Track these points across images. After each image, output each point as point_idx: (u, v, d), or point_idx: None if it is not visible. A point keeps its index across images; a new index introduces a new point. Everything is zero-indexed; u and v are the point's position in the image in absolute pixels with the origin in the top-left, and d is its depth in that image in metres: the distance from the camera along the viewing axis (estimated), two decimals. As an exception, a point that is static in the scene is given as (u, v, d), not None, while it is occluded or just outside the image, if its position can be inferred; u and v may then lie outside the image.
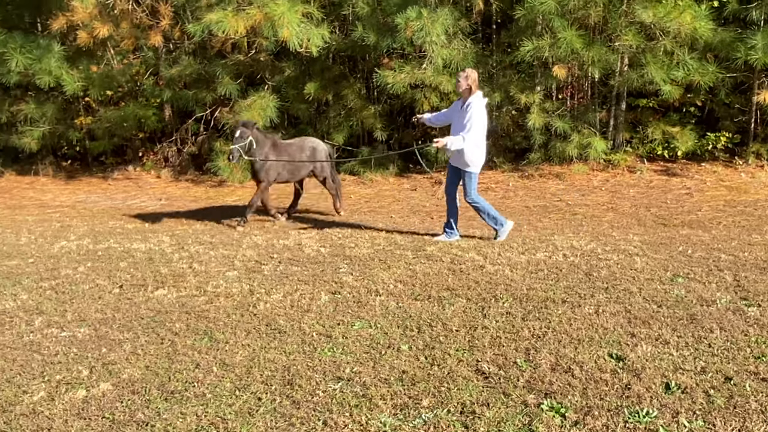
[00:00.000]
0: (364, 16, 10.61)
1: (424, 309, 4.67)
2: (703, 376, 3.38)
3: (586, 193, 9.72)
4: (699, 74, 10.23)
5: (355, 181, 11.13)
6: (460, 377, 3.55)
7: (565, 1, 9.88)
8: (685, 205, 8.56)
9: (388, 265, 5.85)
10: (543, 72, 11.02)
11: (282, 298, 5.04)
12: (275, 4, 9.36)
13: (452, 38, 10.49)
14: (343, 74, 11.94)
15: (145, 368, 3.89)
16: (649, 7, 9.94)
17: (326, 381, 3.61)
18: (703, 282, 5.00)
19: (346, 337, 4.20)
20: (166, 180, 11.93)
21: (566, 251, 6.12)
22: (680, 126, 11.21)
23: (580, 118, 11.25)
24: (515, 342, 3.98)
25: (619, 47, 10.36)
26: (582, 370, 3.53)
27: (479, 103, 6.44)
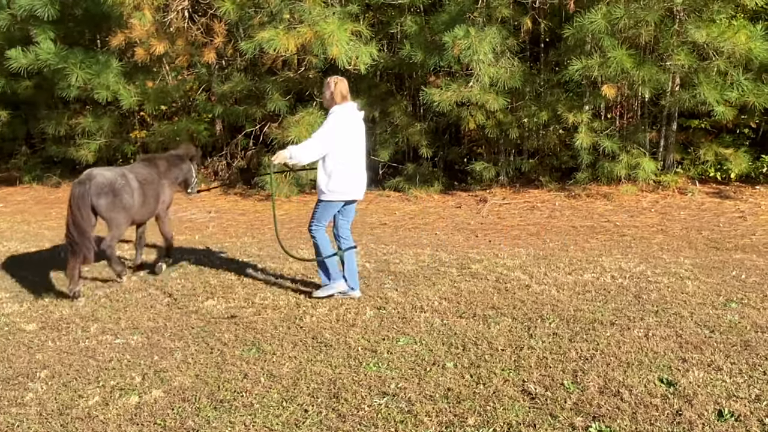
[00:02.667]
0: (411, 35, 10.71)
1: (469, 327, 4.66)
2: (758, 404, 3.30)
3: (634, 215, 9.55)
4: (754, 95, 9.99)
5: (399, 197, 11.19)
6: (506, 397, 3.54)
7: (615, 21, 9.79)
8: (739, 229, 8.33)
9: (432, 282, 5.86)
10: (591, 91, 10.92)
11: (328, 312, 5.10)
12: (325, 22, 9.54)
13: (499, 57, 10.49)
14: (390, 91, 12.05)
15: (195, 377, 3.98)
16: (702, 26, 9.77)
17: (372, 396, 3.64)
18: (757, 308, 4.87)
19: (391, 353, 4.23)
20: (215, 193, 12.18)
21: (614, 273, 6.04)
22: (733, 148, 10.94)
23: (629, 138, 11.09)
24: (562, 363, 3.95)
25: (671, 67, 10.20)
26: (631, 394, 3.48)
27: (335, 117, 5.20)
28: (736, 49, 9.64)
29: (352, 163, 5.30)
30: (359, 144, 5.37)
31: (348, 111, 5.28)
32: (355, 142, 5.31)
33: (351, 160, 5.28)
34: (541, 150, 11.81)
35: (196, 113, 13.07)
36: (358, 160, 5.36)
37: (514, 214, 9.86)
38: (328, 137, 5.15)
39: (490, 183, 11.46)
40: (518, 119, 11.22)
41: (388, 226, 9.12)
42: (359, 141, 5.36)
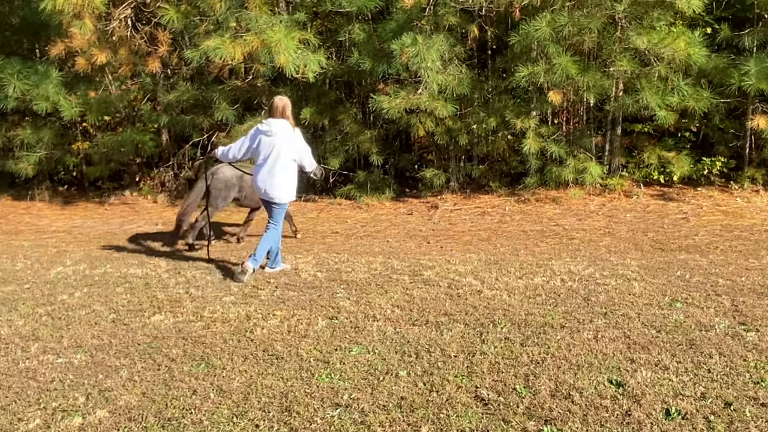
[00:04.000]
0: (360, 42, 10.71)
1: (422, 334, 4.65)
2: (703, 401, 3.37)
3: (582, 218, 9.74)
4: (693, 100, 10.33)
5: (351, 205, 11.14)
6: (460, 404, 3.53)
7: (559, 28, 9.99)
8: (682, 230, 8.58)
9: (385, 290, 5.83)
10: (538, 97, 11.11)
11: (279, 324, 5.02)
12: (272, 30, 9.45)
13: (448, 64, 10.58)
14: (340, 99, 12.01)
15: (141, 395, 3.85)
16: (643, 33, 10.06)
17: (324, 408, 3.58)
18: (701, 307, 5.00)
19: (344, 363, 4.18)
20: (163, 205, 11.90)
21: (564, 276, 6.12)
22: (676, 151, 11.28)
23: (575, 143, 11.31)
24: (514, 368, 3.96)
25: (614, 73, 10.46)
26: (582, 396, 3.51)
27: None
28: (675, 55, 9.96)
29: (260, 169, 6.29)
30: (264, 154, 6.25)
31: (262, 125, 6.28)
32: (261, 151, 6.25)
33: (259, 167, 6.30)
34: (490, 156, 11.94)
35: (141, 123, 12.75)
36: (265, 166, 6.25)
37: (465, 220, 9.93)
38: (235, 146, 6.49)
39: (441, 189, 11.52)
40: (467, 126, 11.33)
41: (340, 235, 9.06)
42: (264, 151, 6.24)
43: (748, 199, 10.43)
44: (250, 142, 6.29)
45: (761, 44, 10.72)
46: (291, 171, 6.34)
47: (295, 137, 6.33)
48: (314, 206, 11.22)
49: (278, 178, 6.24)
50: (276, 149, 6.17)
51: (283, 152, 6.19)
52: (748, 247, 7.33)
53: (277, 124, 6.17)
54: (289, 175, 6.33)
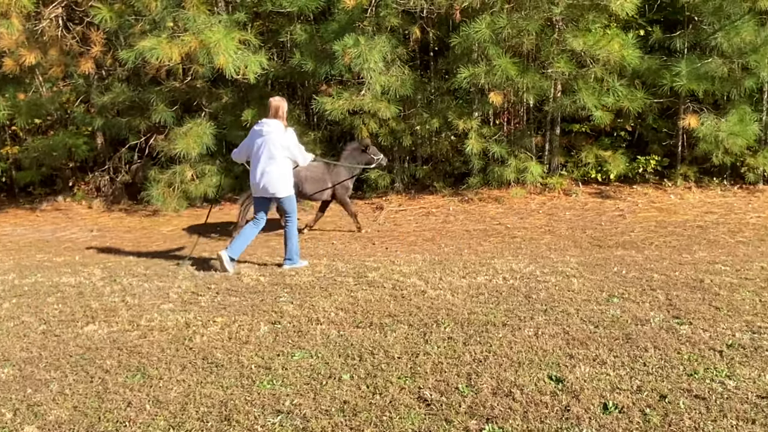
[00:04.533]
0: (302, 43, 10.62)
1: (365, 336, 4.61)
2: (639, 395, 3.44)
3: (524, 216, 9.89)
4: (628, 100, 10.63)
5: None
6: (402, 405, 3.50)
7: (499, 30, 10.14)
8: (619, 227, 8.81)
9: (329, 292, 5.77)
10: (480, 98, 11.25)
11: (219, 330, 4.89)
12: (211, 31, 9.26)
13: (390, 65, 10.60)
14: (282, 101, 11.88)
15: (73, 409, 3.69)
16: (579, 35, 10.30)
17: (265, 415, 3.50)
18: (637, 302, 5.12)
19: (286, 369, 4.10)
20: (98, 210, 11.53)
21: (506, 274, 6.19)
22: (612, 150, 11.59)
23: (516, 143, 11.50)
24: (457, 367, 3.96)
25: (552, 74, 10.67)
26: (522, 393, 3.53)
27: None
28: (610, 56, 10.23)
29: (254, 166, 6.71)
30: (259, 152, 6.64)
31: (257, 125, 6.73)
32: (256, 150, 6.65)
33: (253, 164, 6.72)
34: (434, 156, 12.02)
35: (74, 126, 12.32)
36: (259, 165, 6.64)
37: (410, 221, 9.95)
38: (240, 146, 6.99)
39: (386, 190, 11.53)
40: (411, 127, 11.38)
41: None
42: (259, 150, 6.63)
43: (681, 196, 10.80)
44: (249, 141, 6.74)
45: (692, 46, 11.12)
46: (284, 167, 6.70)
47: (287, 136, 6.64)
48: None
49: (274, 174, 6.62)
50: (268, 147, 6.56)
51: (275, 150, 6.56)
52: (681, 243, 7.58)
53: (270, 124, 6.60)
54: (284, 170, 6.70)
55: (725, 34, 10.35)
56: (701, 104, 11.20)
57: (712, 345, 4.09)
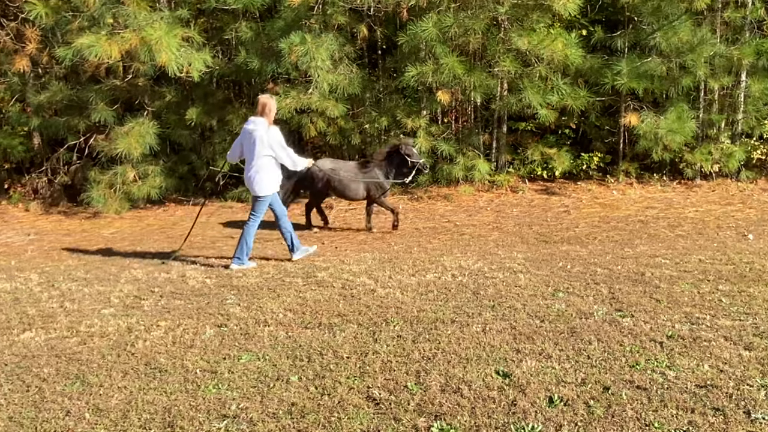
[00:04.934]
0: (247, 41, 10.47)
1: (314, 337, 4.55)
2: (584, 387, 3.49)
3: (472, 214, 9.99)
4: (571, 98, 10.86)
5: (243, 208, 10.86)
6: (351, 405, 3.47)
7: (445, 29, 10.21)
8: (564, 223, 8.97)
9: (277, 293, 5.69)
10: (428, 97, 11.30)
11: (163, 335, 4.76)
12: (152, 28, 9.04)
13: (338, 63, 10.55)
14: (228, 99, 11.69)
15: (8, 419, 3.53)
16: (524, 35, 10.46)
17: (210, 420, 3.41)
18: (581, 296, 5.21)
19: (233, 372, 4.01)
20: (36, 213, 11.11)
21: (455, 271, 6.22)
22: (557, 147, 11.82)
23: (464, 141, 11.61)
24: (406, 365, 3.95)
25: (498, 73, 10.81)
26: (470, 389, 3.55)
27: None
28: (554, 55, 10.43)
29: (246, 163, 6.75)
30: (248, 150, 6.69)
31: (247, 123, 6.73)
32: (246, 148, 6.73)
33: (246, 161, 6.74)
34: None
35: (9, 126, 11.84)
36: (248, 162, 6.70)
37: (359, 220, 9.92)
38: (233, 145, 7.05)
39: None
40: (360, 125, 11.35)
41: (232, 239, 8.79)
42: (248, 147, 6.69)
43: (623, 192, 11.09)
44: (240, 140, 6.80)
45: (632, 45, 11.44)
46: (268, 166, 6.64)
47: (270, 134, 6.58)
48: (204, 210, 10.84)
49: (255, 172, 6.62)
50: (255, 146, 6.58)
51: (258, 148, 6.57)
52: (623, 237, 7.77)
53: (256, 122, 6.61)
54: (267, 170, 6.64)
55: (663, 34, 10.68)
56: (641, 102, 11.52)
57: (653, 336, 4.20)
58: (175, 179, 11.15)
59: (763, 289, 5.16)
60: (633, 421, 3.10)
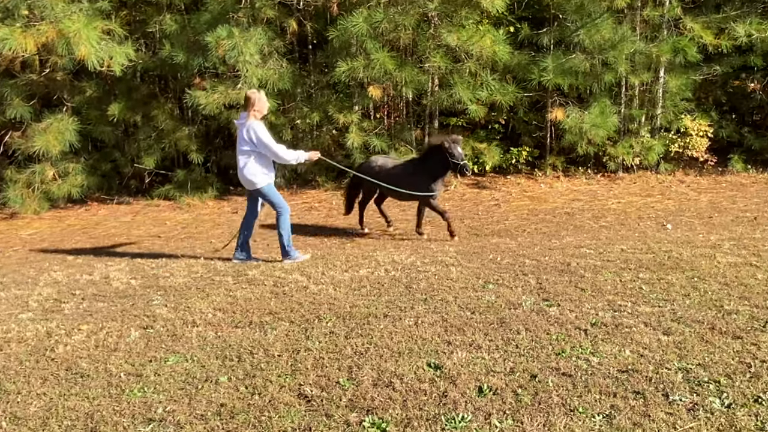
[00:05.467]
0: (172, 34, 10.18)
1: (244, 336, 4.47)
2: (512, 376, 3.56)
3: (405, 208, 10.04)
4: (500, 94, 11.06)
5: (170, 206, 10.58)
6: (282, 404, 3.42)
7: (376, 24, 10.21)
8: (495, 216, 9.14)
9: (206, 293, 5.56)
10: (360, 92, 11.29)
11: (85, 339, 4.57)
12: (70, 20, 8.66)
13: (267, 58, 10.40)
14: (153, 94, 11.35)
15: None
16: (453, 31, 10.58)
17: (135, 425, 3.30)
18: (510, 287, 5.32)
19: (159, 375, 3.89)
20: (-55, 215, 10.51)
21: (388, 266, 6.23)
22: (487, 142, 12.03)
23: (397, 136, 11.66)
24: (338, 361, 3.93)
25: (429, 68, 10.90)
26: (402, 382, 3.56)
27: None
28: (483, 52, 10.59)
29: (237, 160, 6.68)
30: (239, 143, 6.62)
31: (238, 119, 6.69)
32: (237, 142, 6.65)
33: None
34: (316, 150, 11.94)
35: None
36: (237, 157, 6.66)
37: (292, 216, 9.79)
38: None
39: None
40: (291, 121, 11.23)
41: (159, 238, 8.55)
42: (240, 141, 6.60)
43: (551, 185, 11.39)
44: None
45: (557, 42, 11.75)
46: (252, 158, 6.54)
47: (253, 128, 6.43)
48: (129, 209, 10.51)
49: (243, 166, 6.58)
50: (241, 140, 6.54)
51: (241, 143, 6.52)
52: (551, 229, 7.98)
53: (242, 116, 6.58)
54: (251, 163, 6.55)
55: (587, 31, 11.01)
56: (567, 98, 11.86)
57: (578, 324, 4.32)
58: (97, 177, 10.75)
59: (680, 277, 5.39)
60: (558, 407, 3.18)
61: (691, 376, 3.46)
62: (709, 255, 6.14)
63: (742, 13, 11.52)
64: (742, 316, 4.37)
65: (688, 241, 6.88)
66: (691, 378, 3.44)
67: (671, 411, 3.11)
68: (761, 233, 7.38)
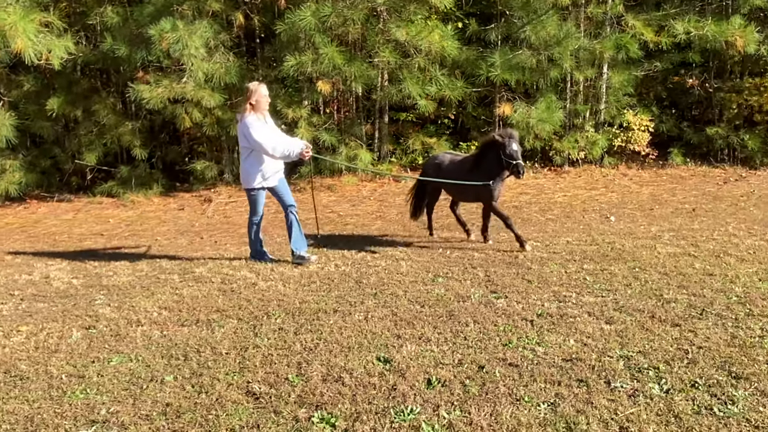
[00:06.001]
0: (114, 27, 9.90)
1: (191, 335, 4.39)
2: (460, 367, 3.60)
3: (356, 204, 10.03)
4: (449, 89, 11.15)
5: (113, 203, 10.30)
6: (230, 402, 3.38)
7: (324, 18, 10.15)
8: (444, 210, 9.20)
9: (151, 291, 5.44)
10: (309, 86, 11.20)
11: (24, 340, 4.42)
12: (6, 12, 8.32)
13: (213, 52, 10.22)
14: (95, 88, 11.02)
15: None
16: (402, 26, 10.60)
17: (77, 427, 3.20)
18: (459, 280, 5.37)
19: (102, 375, 3.79)
20: None
21: (338, 261, 6.22)
22: (437, 137, 12.12)
23: (347, 131, 11.63)
24: (287, 357, 3.90)
25: (379, 63, 10.90)
26: (352, 377, 3.56)
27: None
28: (432, 47, 10.65)
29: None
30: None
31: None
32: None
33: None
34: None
35: None
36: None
37: (241, 212, 9.70)
38: None
39: (215, 182, 11.14)
40: (239, 115, 11.07)
41: (102, 236, 8.32)
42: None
43: (499, 179, 11.54)
44: None
45: (504, 38, 11.90)
46: (249, 157, 6.09)
47: (245, 124, 5.95)
48: (70, 206, 10.19)
49: (240, 163, 6.25)
50: (239, 136, 6.13)
51: (241, 138, 6.09)
52: (498, 223, 8.07)
53: (241, 112, 6.12)
54: (247, 162, 6.13)
55: (533, 27, 11.19)
56: (514, 93, 12.04)
57: (525, 315, 4.40)
58: (36, 174, 10.39)
59: (622, 267, 5.55)
60: (505, 397, 3.23)
61: (632, 364, 3.56)
62: (649, 246, 6.33)
63: (681, 11, 11.90)
64: (680, 304, 4.53)
65: (630, 233, 7.08)
66: (632, 365, 3.54)
67: (613, 398, 3.19)
68: (699, 224, 7.65)
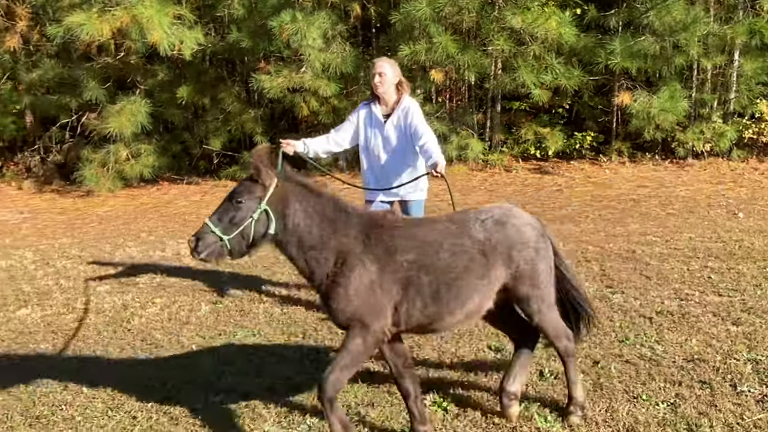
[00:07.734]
0: (239, 19, 10.38)
1: (309, 314, 4.60)
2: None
3: (466, 193, 10.01)
4: (565, 78, 10.82)
5: (237, 187, 10.86)
6: (345, 380, 3.53)
7: (439, 7, 10.14)
8: (557, 201, 9.01)
9: (272, 271, 5.72)
10: (422, 75, 11.25)
11: (159, 311, 4.81)
12: (143, 5, 8.94)
13: (331, 42, 10.48)
14: (221, 77, 11.61)
15: (7, 394, 3.59)
16: (518, 13, 10.39)
17: (206, 394, 3.47)
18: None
19: (228, 348, 4.08)
20: (29, 191, 11.08)
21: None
22: (550, 127, 11.82)
23: (458, 120, 11.59)
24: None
25: (492, 52, 10.76)
26: (463, 363, 3.61)
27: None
28: (548, 34, 10.37)
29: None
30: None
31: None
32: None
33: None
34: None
35: (1, 105, 11.75)
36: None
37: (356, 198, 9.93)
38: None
39: (330, 168, 11.46)
40: (354, 104, 11.30)
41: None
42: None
43: (616, 171, 11.12)
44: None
45: (625, 24, 11.39)
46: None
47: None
48: (198, 189, 10.85)
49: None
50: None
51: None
52: (615, 216, 7.82)
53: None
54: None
55: (657, 12, 10.62)
56: (634, 82, 11.51)
57: (643, 312, 4.26)
58: (168, 158, 11.13)
59: (751, 266, 5.23)
60: (621, 394, 3.17)
61: (761, 368, 3.38)
62: (783, 245, 5.92)
63: (826, -8, 10.90)
64: (817, 308, 4.23)
65: (760, 231, 6.64)
66: (761, 369, 3.36)
67: (739, 402, 3.06)
68: (841, 224, 7.05)
